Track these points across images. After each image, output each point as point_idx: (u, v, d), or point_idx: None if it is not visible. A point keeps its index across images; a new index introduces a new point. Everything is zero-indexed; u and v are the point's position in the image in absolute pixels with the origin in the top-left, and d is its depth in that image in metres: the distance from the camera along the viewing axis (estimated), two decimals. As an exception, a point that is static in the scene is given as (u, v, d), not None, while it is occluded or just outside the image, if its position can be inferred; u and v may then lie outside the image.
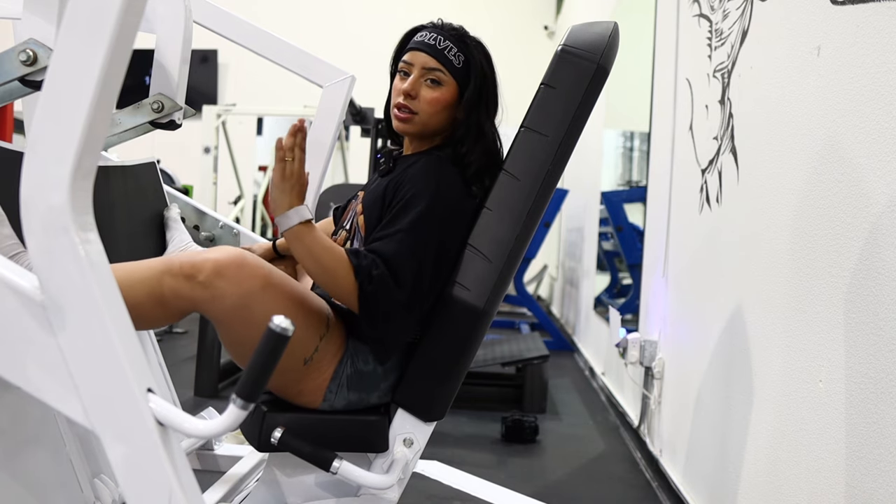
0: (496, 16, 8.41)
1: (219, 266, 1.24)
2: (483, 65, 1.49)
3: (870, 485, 1.26)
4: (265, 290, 1.28)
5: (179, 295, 1.25)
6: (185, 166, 6.96)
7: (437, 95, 1.45)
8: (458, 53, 1.46)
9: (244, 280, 1.26)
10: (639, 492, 2.64)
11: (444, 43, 1.46)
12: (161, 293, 1.25)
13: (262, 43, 2.05)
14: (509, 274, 1.41)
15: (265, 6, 8.15)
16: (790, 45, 1.69)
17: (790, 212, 1.64)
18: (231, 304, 1.26)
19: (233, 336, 1.32)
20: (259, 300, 1.27)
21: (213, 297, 1.25)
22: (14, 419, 1.42)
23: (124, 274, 1.25)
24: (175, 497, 1.00)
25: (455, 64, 1.46)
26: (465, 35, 1.50)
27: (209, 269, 1.24)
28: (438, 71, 1.45)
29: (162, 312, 1.27)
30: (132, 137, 1.81)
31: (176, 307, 1.27)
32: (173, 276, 1.25)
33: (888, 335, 1.23)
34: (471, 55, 1.47)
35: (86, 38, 0.93)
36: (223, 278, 1.24)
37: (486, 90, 1.49)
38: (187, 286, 1.24)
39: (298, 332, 1.31)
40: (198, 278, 1.24)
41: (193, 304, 1.26)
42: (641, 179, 5.12)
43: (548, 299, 8.04)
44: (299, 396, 1.39)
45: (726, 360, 2.05)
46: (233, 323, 1.29)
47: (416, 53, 1.47)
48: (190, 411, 1.09)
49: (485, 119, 1.49)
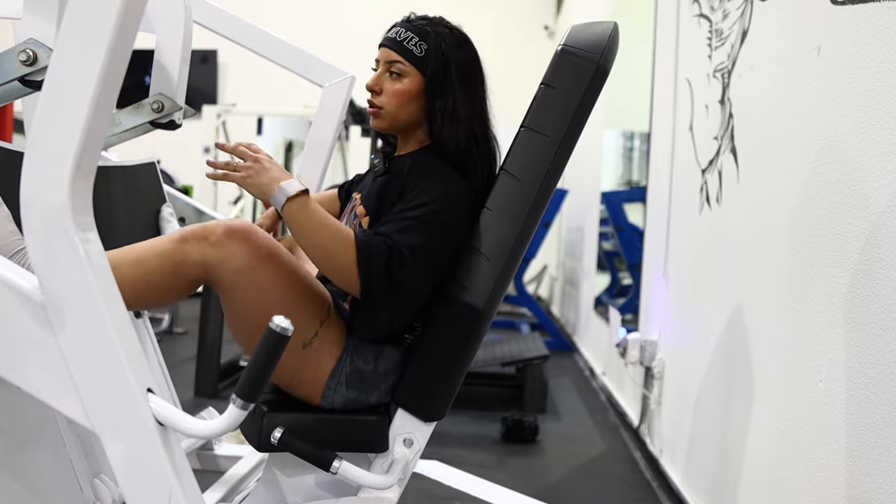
0: (496, 16, 8.41)
1: (230, 229, 1.31)
2: (446, 49, 1.46)
3: (870, 485, 1.26)
4: (272, 258, 1.34)
5: (191, 259, 1.31)
6: (185, 166, 6.96)
7: (399, 87, 1.45)
8: (419, 42, 1.45)
9: (253, 245, 1.32)
10: (639, 492, 2.64)
11: (405, 35, 1.46)
12: (174, 260, 1.30)
13: (262, 43, 2.05)
14: (509, 274, 1.41)
15: (265, 6, 8.15)
16: (790, 45, 1.69)
17: (790, 212, 1.64)
18: (239, 266, 1.31)
19: (237, 304, 1.34)
20: (266, 266, 1.32)
21: (223, 259, 1.30)
22: (14, 419, 1.42)
23: (139, 248, 1.32)
24: (175, 497, 1.00)
25: (416, 53, 1.45)
26: (433, 23, 1.48)
27: (221, 232, 1.31)
28: (398, 63, 1.45)
29: (174, 280, 1.32)
30: (132, 137, 1.81)
31: (187, 274, 1.32)
32: (186, 242, 1.31)
33: (888, 335, 1.23)
34: (432, 42, 1.46)
35: (86, 38, 0.93)
36: (234, 240, 1.31)
37: (452, 74, 1.46)
38: (199, 248, 1.30)
39: (299, 312, 1.33)
40: (210, 239, 1.30)
41: (204, 266, 1.31)
42: (641, 179, 5.12)
43: (548, 299, 8.04)
44: (299, 387, 1.39)
45: (726, 360, 2.05)
46: (239, 287, 1.32)
47: (381, 50, 1.49)
48: (190, 411, 1.09)
49: (460, 104, 1.45)
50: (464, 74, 1.47)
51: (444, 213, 1.38)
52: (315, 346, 1.37)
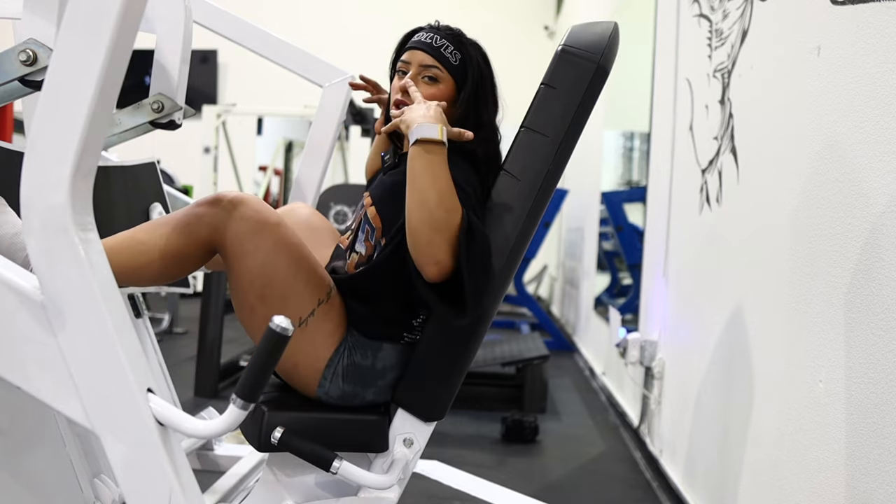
0: (496, 16, 8.41)
1: (240, 196, 1.38)
2: (480, 63, 1.51)
3: (870, 485, 1.26)
4: (278, 228, 1.37)
5: (203, 221, 1.36)
6: (185, 166, 6.96)
7: (433, 92, 1.47)
8: (454, 51, 1.48)
9: (261, 211, 1.37)
10: (639, 492, 2.64)
11: (441, 41, 1.48)
12: (185, 222, 1.37)
13: (261, 43, 2.05)
14: (509, 274, 1.41)
15: (265, 6, 8.15)
16: (790, 45, 1.69)
17: (790, 212, 1.64)
18: (247, 229, 1.35)
19: (240, 267, 1.37)
20: (270, 234, 1.36)
21: (232, 219, 1.35)
22: (14, 419, 1.42)
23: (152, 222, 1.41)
24: (175, 497, 1.00)
25: (452, 61, 1.47)
26: (462, 35, 1.52)
27: (231, 197, 1.37)
28: (435, 68, 1.47)
29: (184, 242, 1.37)
30: (132, 137, 1.81)
31: (198, 236, 1.36)
32: (198, 206, 1.38)
33: (888, 335, 1.23)
34: (467, 53, 1.49)
35: (86, 38, 0.93)
36: (244, 205, 1.36)
37: (484, 87, 1.51)
38: (210, 210, 1.36)
39: (298, 285, 1.36)
40: (221, 203, 1.36)
41: (213, 227, 1.36)
42: (641, 179, 5.12)
43: (548, 299, 8.04)
44: (295, 372, 1.40)
45: (726, 360, 2.05)
46: (245, 252, 1.36)
47: (414, 52, 1.49)
48: (190, 411, 1.09)
49: (484, 117, 1.50)
50: (493, 89, 1.53)
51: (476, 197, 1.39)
52: (311, 328, 1.38)
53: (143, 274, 1.37)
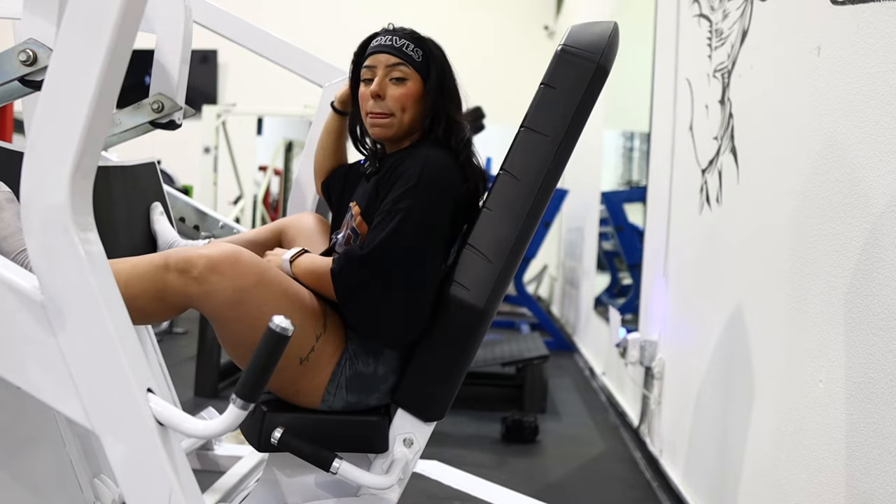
0: (496, 16, 8.40)
1: (212, 262, 1.26)
2: (440, 57, 1.52)
3: (870, 485, 1.26)
4: (259, 286, 1.29)
5: (175, 290, 1.27)
6: (185, 166, 6.96)
7: (403, 91, 1.47)
8: (415, 49, 1.49)
9: (238, 276, 1.27)
10: (639, 492, 2.64)
11: (401, 41, 1.49)
12: (159, 288, 1.27)
13: (261, 43, 2.05)
14: (509, 274, 1.41)
15: (265, 6, 8.15)
16: (790, 45, 1.69)
17: (790, 212, 1.64)
18: (225, 300, 1.27)
19: (228, 333, 1.33)
20: (253, 296, 1.28)
21: (206, 293, 1.26)
22: (14, 419, 1.42)
23: (124, 268, 1.28)
24: (175, 497, 1.00)
25: (415, 58, 1.48)
26: (419, 33, 1.54)
27: (203, 265, 1.25)
28: (401, 66, 1.47)
29: (161, 307, 1.30)
30: (132, 137, 1.81)
31: (173, 302, 1.29)
32: (168, 270, 1.26)
33: (888, 335, 1.23)
34: (428, 49, 1.51)
35: (86, 38, 0.93)
36: (217, 273, 1.26)
37: (447, 81, 1.52)
38: (181, 282, 1.26)
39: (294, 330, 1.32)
40: (192, 273, 1.25)
41: (188, 299, 1.28)
42: (641, 179, 5.12)
43: (548, 299, 8.03)
44: (297, 396, 1.39)
45: (726, 360, 2.05)
46: (228, 319, 1.30)
47: (377, 56, 1.50)
48: (190, 411, 1.09)
49: (451, 109, 1.52)
50: (453, 80, 1.54)
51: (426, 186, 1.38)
52: (312, 360, 1.36)
53: None
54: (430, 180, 1.39)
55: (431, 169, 1.40)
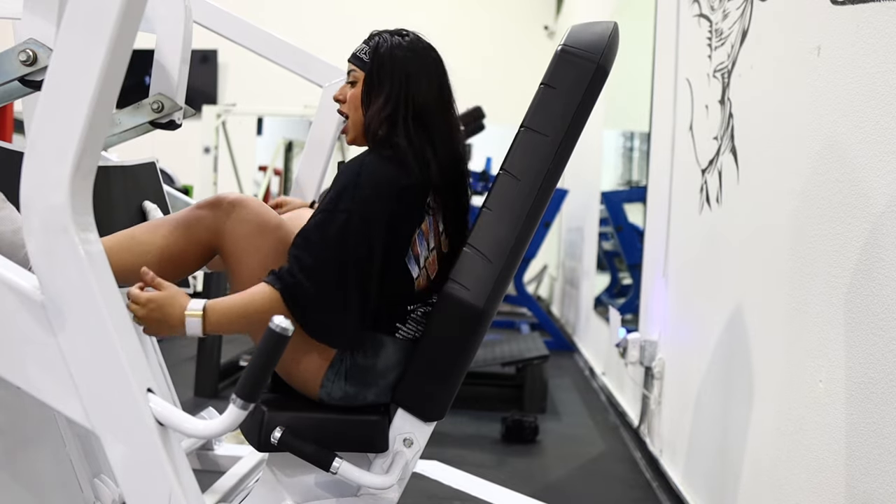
0: (496, 16, 8.40)
1: (241, 198, 1.41)
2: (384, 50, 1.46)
3: (870, 485, 1.26)
4: (277, 229, 1.40)
5: (202, 223, 1.40)
6: (185, 166, 6.95)
7: (353, 92, 1.50)
8: (368, 51, 1.50)
9: (261, 214, 1.40)
10: (639, 492, 2.64)
11: (360, 46, 1.51)
12: (185, 223, 1.41)
13: (261, 43, 2.05)
14: (509, 274, 1.41)
15: (266, 6, 8.15)
16: (790, 45, 1.69)
17: (790, 212, 1.64)
18: (244, 233, 1.38)
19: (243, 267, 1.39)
20: (269, 236, 1.39)
21: (231, 222, 1.39)
22: (14, 419, 1.42)
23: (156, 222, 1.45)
24: (175, 497, 1.00)
25: (364, 60, 1.49)
26: (387, 33, 1.50)
27: (232, 198, 1.41)
28: (353, 71, 1.50)
29: (184, 244, 1.40)
30: (132, 137, 1.82)
31: (199, 238, 1.41)
32: (199, 208, 1.42)
33: (888, 335, 1.23)
34: (376, 47, 1.48)
35: (86, 38, 0.93)
36: (244, 207, 1.40)
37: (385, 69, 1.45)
38: (210, 213, 1.40)
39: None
40: (220, 206, 1.40)
41: (213, 230, 1.39)
42: (641, 179, 5.12)
43: (548, 299, 8.04)
44: (298, 375, 1.41)
45: (726, 360, 2.05)
46: (242, 253, 1.39)
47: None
48: (190, 411, 1.09)
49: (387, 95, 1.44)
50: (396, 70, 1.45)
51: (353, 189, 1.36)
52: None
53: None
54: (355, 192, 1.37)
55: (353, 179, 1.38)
